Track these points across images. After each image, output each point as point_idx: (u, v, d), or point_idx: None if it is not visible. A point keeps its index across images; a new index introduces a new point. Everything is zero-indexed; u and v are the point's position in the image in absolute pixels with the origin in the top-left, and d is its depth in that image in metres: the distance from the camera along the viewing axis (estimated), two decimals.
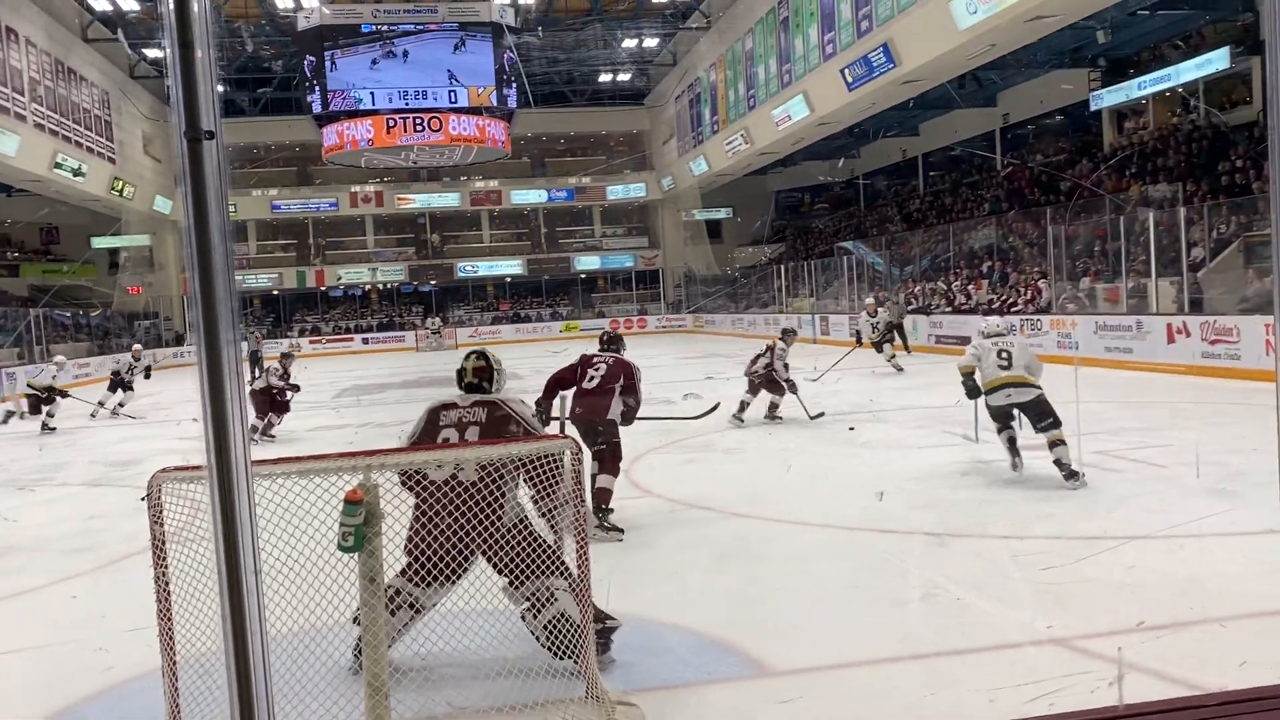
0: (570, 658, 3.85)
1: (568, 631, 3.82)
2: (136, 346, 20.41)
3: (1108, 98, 23.50)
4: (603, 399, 6.88)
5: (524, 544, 3.93)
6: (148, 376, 18.65)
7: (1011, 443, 7.66)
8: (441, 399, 4.43)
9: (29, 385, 16.34)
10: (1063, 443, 7.24)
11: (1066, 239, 19.87)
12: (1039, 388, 7.50)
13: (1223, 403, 11.38)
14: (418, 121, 25.95)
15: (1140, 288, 17.19)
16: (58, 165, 28.54)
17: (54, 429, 15.02)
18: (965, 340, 19.70)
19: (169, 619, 3.39)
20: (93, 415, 16.67)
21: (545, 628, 3.97)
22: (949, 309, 22.16)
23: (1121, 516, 6.23)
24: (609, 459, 6.77)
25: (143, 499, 3.41)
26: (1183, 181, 20.23)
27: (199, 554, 3.32)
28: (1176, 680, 3.62)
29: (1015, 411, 7.56)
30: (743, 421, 11.47)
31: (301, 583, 3.41)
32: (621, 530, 6.57)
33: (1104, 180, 22.56)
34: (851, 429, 10.67)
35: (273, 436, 12.46)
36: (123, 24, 31.83)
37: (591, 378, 6.93)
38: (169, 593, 3.38)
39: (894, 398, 13.19)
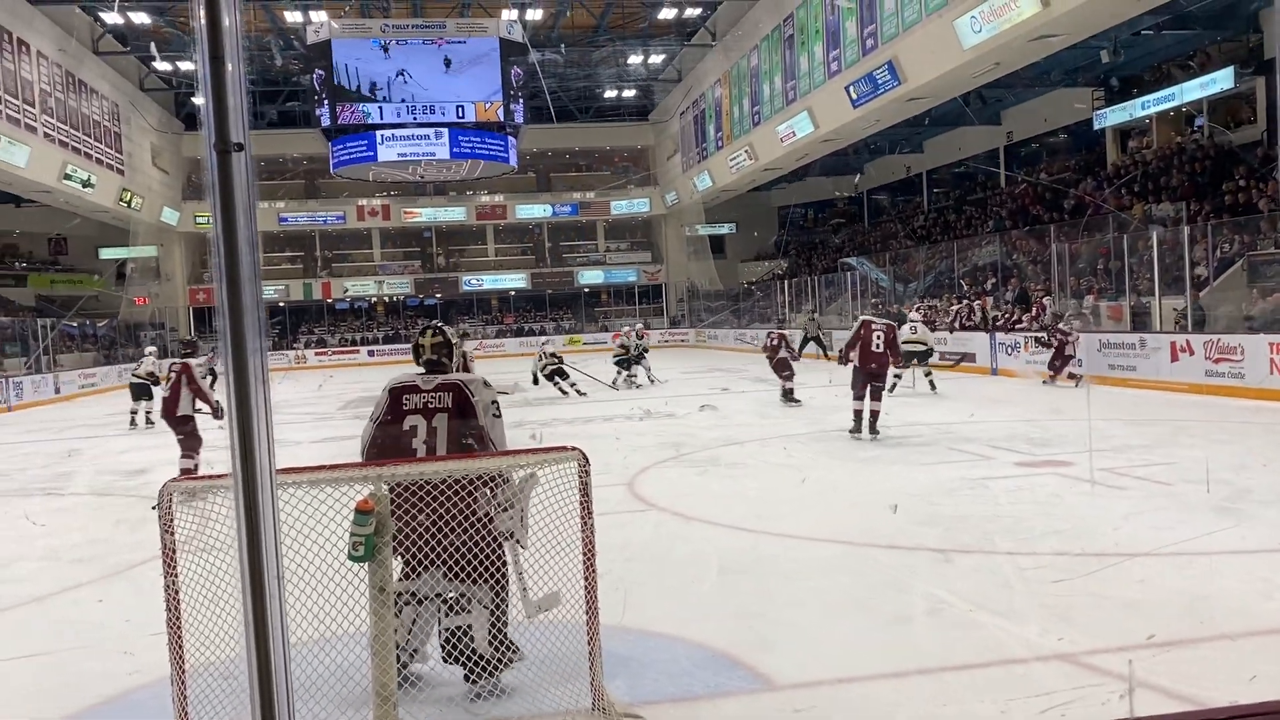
0: (459, 665, 3.96)
1: (464, 645, 3.90)
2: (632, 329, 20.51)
3: (1111, 116, 23.59)
4: (885, 356, 10.79)
5: (472, 541, 3.82)
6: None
7: (897, 377, 15.13)
8: (401, 380, 4.28)
9: (133, 376, 16.39)
10: (930, 371, 16.10)
11: (1070, 256, 19.92)
12: (926, 345, 16.09)
13: (1226, 421, 11.38)
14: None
15: (1143, 306, 17.21)
16: (67, 176, 28.69)
17: (152, 423, 15.03)
18: (969, 356, 19.97)
19: (178, 627, 3.41)
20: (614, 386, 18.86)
21: (445, 630, 3.97)
22: (957, 326, 22.12)
23: (1127, 533, 6.23)
24: (881, 395, 10.89)
25: (153, 508, 3.43)
26: (1186, 200, 20.28)
27: (208, 563, 3.35)
28: (1185, 696, 3.62)
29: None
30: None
31: (311, 591, 3.44)
32: (877, 433, 10.68)
33: (1108, 198, 22.61)
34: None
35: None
36: (139, 38, 32.06)
37: (877, 343, 10.72)
38: (179, 601, 3.41)
39: (900, 414, 13.19)
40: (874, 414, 10.75)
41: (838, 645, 4.50)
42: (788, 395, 15.21)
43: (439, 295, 44.42)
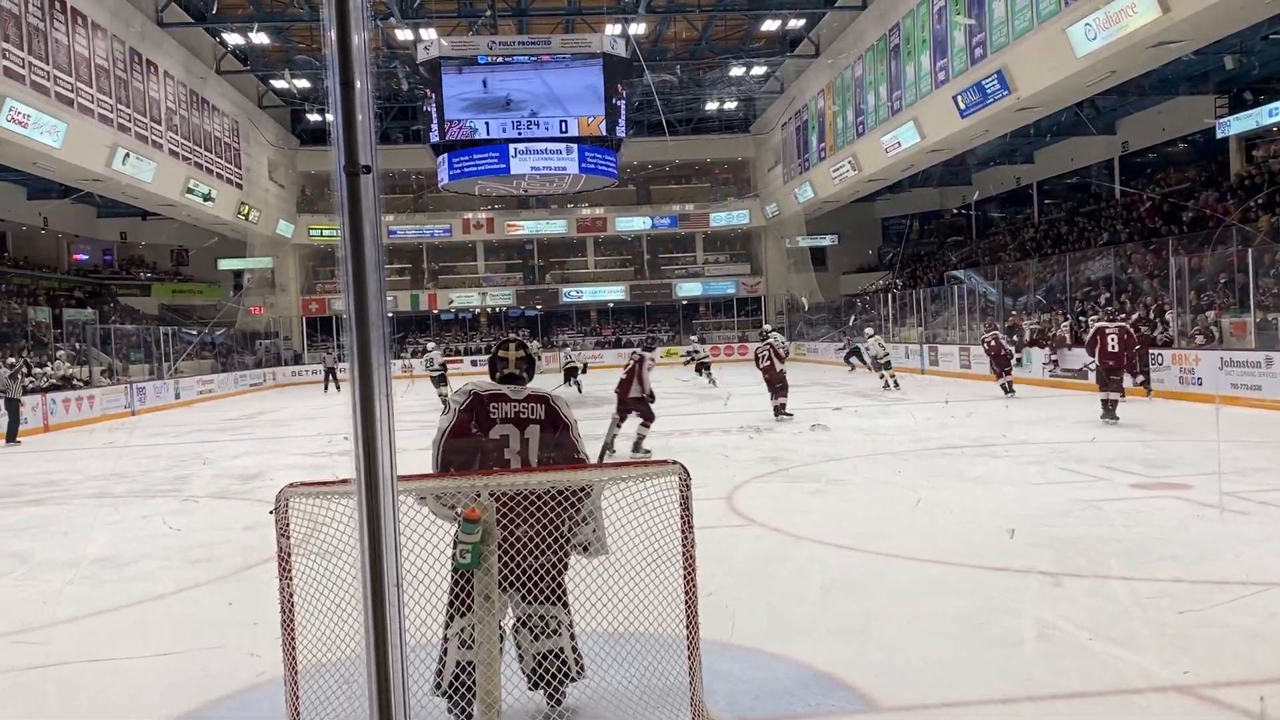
0: (545, 691, 3.87)
1: (555, 669, 3.82)
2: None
3: (1236, 125, 22.63)
4: (1121, 355, 12.94)
5: (551, 564, 3.76)
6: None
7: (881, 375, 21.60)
8: (484, 387, 4.10)
9: (428, 369, 20.36)
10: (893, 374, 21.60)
11: (1190, 270, 19.13)
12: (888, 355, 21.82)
13: None
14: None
15: (1270, 322, 16.43)
16: (189, 190, 30.00)
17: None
18: (1079, 373, 19.33)
19: (291, 628, 3.51)
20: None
21: (535, 656, 3.85)
22: (1069, 343, 21.43)
23: (1249, 560, 5.95)
24: (1121, 386, 13.13)
25: (271, 512, 3.53)
26: None
27: (324, 567, 3.45)
28: None
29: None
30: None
31: (418, 597, 3.52)
32: (1116, 418, 12.79)
33: (1231, 210, 21.66)
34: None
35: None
36: (259, 57, 33.38)
37: (1112, 345, 12.93)
38: (293, 603, 3.50)
39: (1011, 432, 12.85)
40: (1114, 402, 12.98)
41: (944, 668, 4.40)
42: (1006, 389, 17.56)
43: (539, 306, 45.10)
